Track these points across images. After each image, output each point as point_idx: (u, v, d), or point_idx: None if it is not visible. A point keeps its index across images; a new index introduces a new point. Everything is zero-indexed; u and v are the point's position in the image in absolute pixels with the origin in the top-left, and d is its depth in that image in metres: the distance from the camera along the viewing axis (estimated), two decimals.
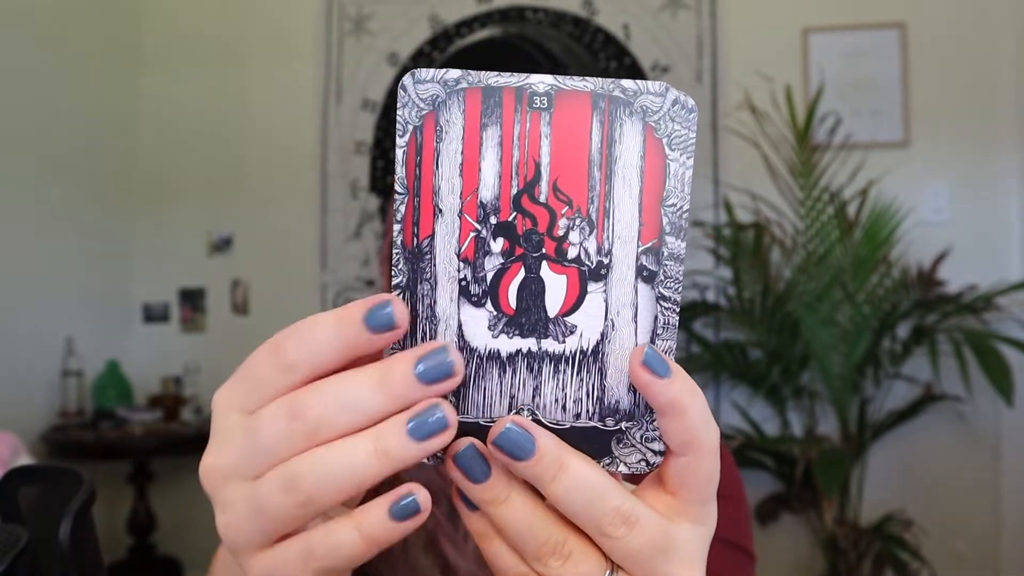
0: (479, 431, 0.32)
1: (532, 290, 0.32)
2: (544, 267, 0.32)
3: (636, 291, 0.32)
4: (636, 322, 0.32)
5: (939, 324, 2.60)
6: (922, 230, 2.79)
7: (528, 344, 0.32)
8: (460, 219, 0.31)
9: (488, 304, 0.32)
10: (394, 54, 3.25)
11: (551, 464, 0.31)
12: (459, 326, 0.32)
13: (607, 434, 0.32)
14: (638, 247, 0.32)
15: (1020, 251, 2.84)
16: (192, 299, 3.35)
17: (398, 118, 0.31)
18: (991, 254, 2.83)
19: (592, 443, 0.32)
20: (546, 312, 0.32)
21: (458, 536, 0.72)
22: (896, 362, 2.67)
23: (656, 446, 0.33)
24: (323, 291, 3.25)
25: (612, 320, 0.32)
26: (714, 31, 3.07)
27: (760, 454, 2.71)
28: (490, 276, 0.31)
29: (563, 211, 0.31)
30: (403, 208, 0.31)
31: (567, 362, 0.32)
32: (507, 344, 0.32)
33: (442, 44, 3.22)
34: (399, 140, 0.31)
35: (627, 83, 0.31)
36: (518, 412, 0.32)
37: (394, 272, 0.31)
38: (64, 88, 3.00)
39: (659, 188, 0.31)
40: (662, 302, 0.32)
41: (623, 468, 0.33)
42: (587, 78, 0.31)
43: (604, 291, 0.32)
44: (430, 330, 0.32)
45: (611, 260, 0.32)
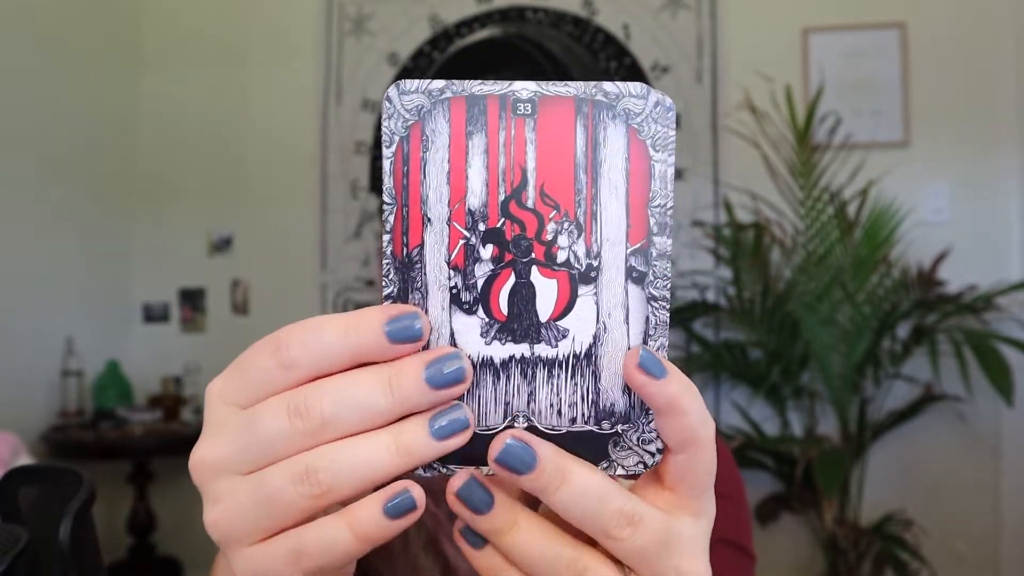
0: (476, 440, 0.32)
1: (523, 295, 0.32)
2: (534, 272, 0.32)
3: (627, 292, 0.32)
4: (628, 323, 0.32)
5: (939, 324, 2.60)
6: (922, 230, 2.79)
7: (521, 350, 0.32)
8: (449, 227, 0.31)
9: (480, 311, 0.32)
10: (394, 54, 3.25)
11: (554, 474, 0.31)
12: (451, 334, 0.32)
13: (604, 437, 0.32)
14: (627, 248, 0.32)
15: (1020, 251, 2.84)
16: (192, 299, 3.36)
17: (384, 130, 0.31)
18: (991, 254, 2.83)
19: (589, 447, 0.32)
20: (538, 317, 0.32)
21: None
22: (896, 362, 2.67)
23: (652, 448, 0.32)
24: (323, 291, 3.25)
25: (604, 323, 0.32)
26: (714, 31, 3.07)
27: (760, 454, 2.71)
28: (481, 283, 0.31)
29: (551, 215, 0.31)
30: (392, 218, 0.31)
31: (561, 367, 0.32)
32: (500, 351, 0.32)
33: (442, 44, 3.22)
34: (385, 151, 0.31)
35: (608, 86, 0.31)
36: (513, 419, 0.32)
37: (384, 282, 0.31)
38: (64, 88, 3.00)
39: (645, 189, 0.32)
40: (652, 302, 0.32)
41: (621, 471, 0.33)
42: (569, 83, 0.31)
43: (595, 294, 0.32)
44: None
45: (600, 263, 0.32)
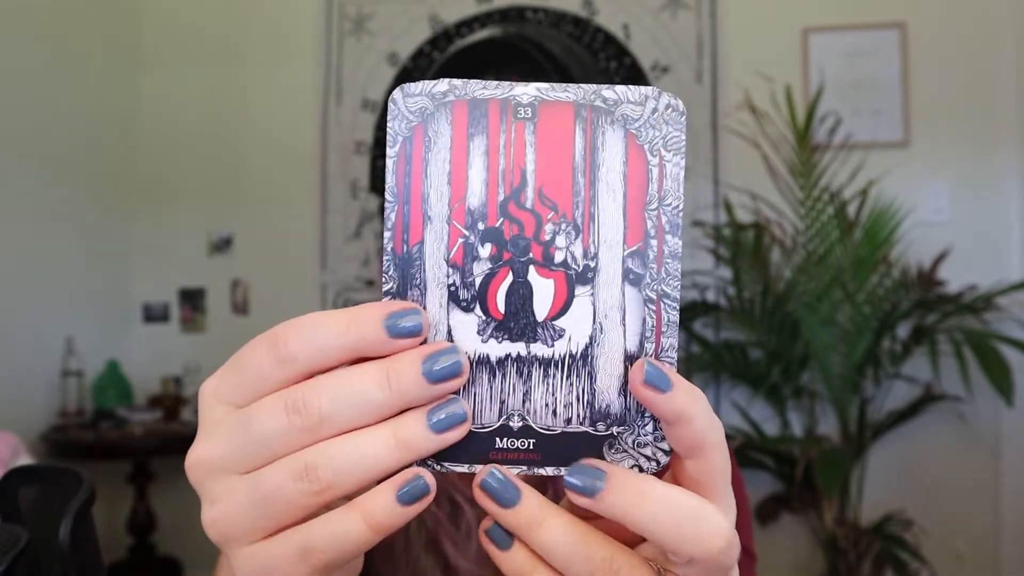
0: (471, 438, 0.32)
1: (520, 294, 0.32)
2: (531, 271, 0.32)
3: (623, 294, 0.32)
4: (624, 325, 0.32)
5: (939, 324, 2.60)
6: (922, 230, 2.79)
7: (517, 348, 0.32)
8: (449, 226, 0.32)
9: (477, 309, 0.32)
10: (394, 54, 3.25)
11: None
12: (449, 331, 0.32)
13: (599, 439, 0.32)
14: (624, 250, 0.32)
15: (1020, 251, 2.84)
16: (192, 299, 3.36)
17: (388, 130, 0.32)
18: (991, 254, 2.83)
19: (584, 449, 0.32)
20: (534, 316, 0.32)
21: (459, 535, 0.72)
22: (896, 362, 2.67)
23: (648, 451, 0.32)
24: (323, 291, 3.25)
25: (600, 323, 0.32)
26: (714, 31, 3.07)
27: (760, 454, 2.71)
28: (479, 281, 0.32)
29: (549, 216, 0.32)
30: (393, 216, 0.32)
31: (556, 366, 0.32)
32: (496, 349, 0.32)
33: (442, 44, 3.22)
34: (389, 151, 0.32)
35: (608, 92, 0.32)
36: (508, 418, 0.32)
37: (384, 279, 0.32)
38: (64, 88, 3.00)
39: (642, 193, 0.32)
40: (654, 302, 0.32)
41: None
42: (569, 87, 0.32)
43: (591, 294, 0.32)
44: None
45: (597, 264, 0.32)
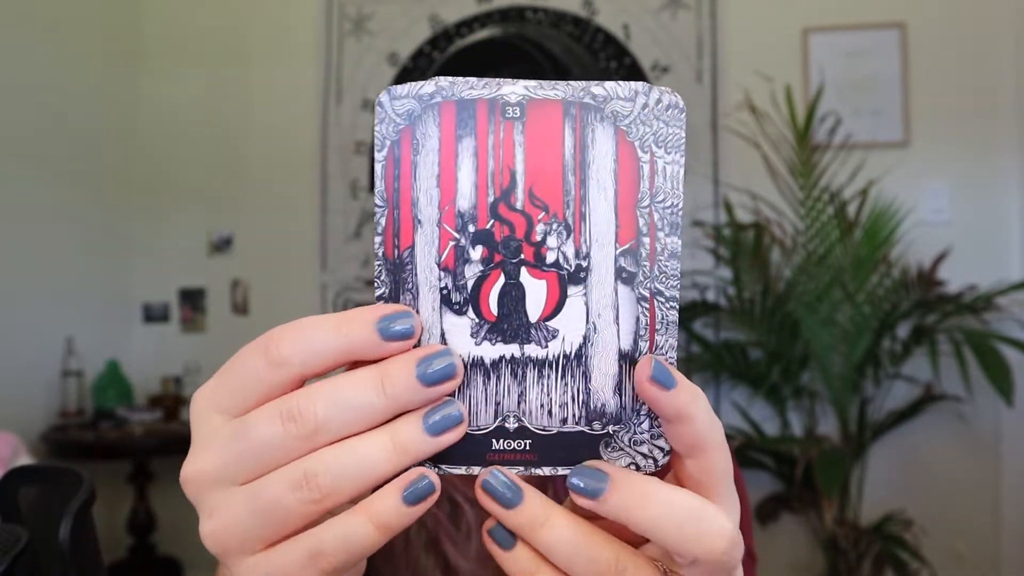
0: (467, 440, 0.32)
1: (512, 296, 0.32)
2: (523, 273, 0.32)
3: (616, 293, 0.32)
4: (618, 324, 0.32)
5: (939, 324, 2.60)
6: (922, 230, 2.79)
7: (511, 350, 0.32)
8: (439, 229, 0.31)
9: (470, 311, 0.32)
10: (394, 54, 3.25)
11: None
12: (442, 335, 0.32)
13: (595, 438, 0.32)
14: (616, 249, 0.32)
15: (1020, 251, 2.84)
16: (192, 299, 3.36)
17: (376, 134, 0.31)
18: (991, 254, 2.83)
19: (580, 448, 0.32)
20: (527, 317, 0.32)
21: (459, 536, 0.72)
22: (896, 362, 2.67)
23: (644, 449, 0.32)
24: (323, 291, 3.25)
25: (594, 323, 0.32)
26: (714, 31, 3.07)
27: (760, 454, 2.71)
28: (471, 284, 0.32)
29: (540, 217, 0.32)
30: (383, 220, 0.31)
31: (551, 367, 0.32)
32: (490, 351, 0.32)
33: (442, 44, 3.22)
34: (377, 155, 0.31)
35: (597, 89, 0.31)
36: (504, 419, 0.32)
37: (376, 284, 0.32)
38: (64, 88, 3.00)
39: (634, 190, 0.32)
40: (646, 301, 0.32)
41: None
42: (558, 85, 0.31)
43: (584, 294, 0.32)
44: None
45: (589, 263, 0.32)
